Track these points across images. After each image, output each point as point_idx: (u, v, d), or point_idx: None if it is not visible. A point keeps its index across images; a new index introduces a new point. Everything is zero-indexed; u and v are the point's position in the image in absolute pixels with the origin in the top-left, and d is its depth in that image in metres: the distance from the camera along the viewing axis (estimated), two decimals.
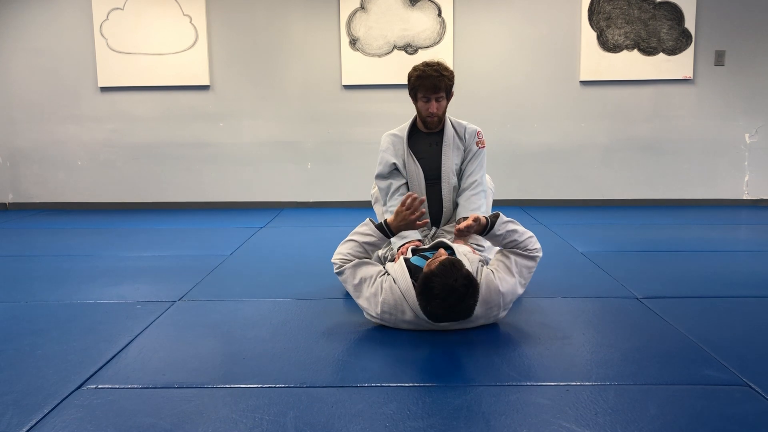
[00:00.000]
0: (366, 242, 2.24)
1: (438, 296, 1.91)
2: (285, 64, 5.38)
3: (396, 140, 2.73)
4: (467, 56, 5.29)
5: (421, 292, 1.97)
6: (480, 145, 2.71)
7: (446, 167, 2.68)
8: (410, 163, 2.69)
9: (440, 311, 1.95)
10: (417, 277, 2.11)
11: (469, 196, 2.67)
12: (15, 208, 5.61)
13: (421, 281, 1.97)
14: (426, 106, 2.61)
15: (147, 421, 1.53)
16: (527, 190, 5.45)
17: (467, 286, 1.92)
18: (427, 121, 2.66)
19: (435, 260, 2.02)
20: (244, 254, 3.54)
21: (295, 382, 1.75)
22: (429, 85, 2.55)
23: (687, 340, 2.05)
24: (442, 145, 2.70)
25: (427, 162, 2.71)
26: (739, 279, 2.86)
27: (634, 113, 5.35)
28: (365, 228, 2.28)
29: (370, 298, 2.16)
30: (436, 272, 1.93)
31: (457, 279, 1.91)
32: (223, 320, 2.33)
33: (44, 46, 5.38)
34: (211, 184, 5.53)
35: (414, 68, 2.63)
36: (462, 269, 1.95)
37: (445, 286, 1.90)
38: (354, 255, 2.24)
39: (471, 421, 1.52)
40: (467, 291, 1.93)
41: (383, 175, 2.73)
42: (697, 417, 1.53)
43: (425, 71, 2.56)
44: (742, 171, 5.39)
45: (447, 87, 2.60)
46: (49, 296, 2.69)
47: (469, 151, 2.70)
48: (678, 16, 5.18)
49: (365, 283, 2.18)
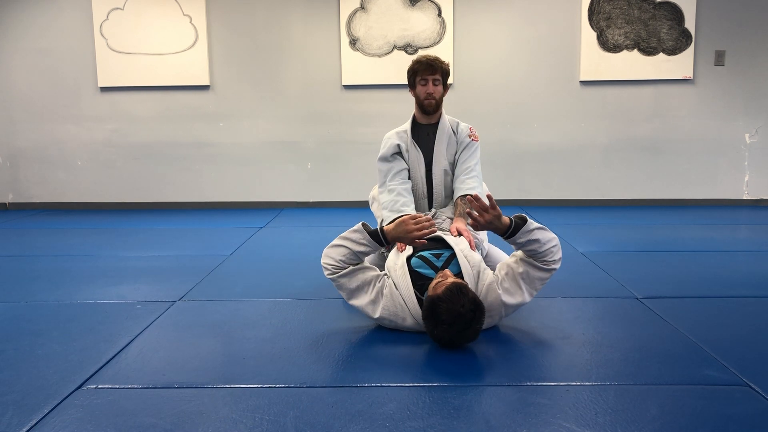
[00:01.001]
0: (359, 251, 2.16)
1: (445, 322, 1.88)
2: (285, 64, 5.38)
3: (400, 131, 2.86)
4: (467, 56, 5.29)
5: (427, 316, 1.94)
6: (472, 137, 2.82)
7: (438, 151, 2.78)
8: (412, 150, 2.79)
9: (446, 336, 1.93)
10: (420, 288, 2.11)
11: (463, 180, 2.76)
12: (15, 208, 5.61)
13: (427, 306, 1.93)
14: (424, 89, 2.73)
15: (147, 421, 1.53)
16: (527, 190, 5.45)
17: (474, 311, 1.89)
18: (425, 104, 2.75)
19: (441, 284, 1.95)
20: (244, 254, 3.54)
21: (295, 382, 1.75)
22: (426, 67, 2.71)
23: (687, 340, 2.05)
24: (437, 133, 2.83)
25: (425, 149, 2.82)
26: (739, 279, 2.86)
27: (634, 113, 5.35)
28: (358, 236, 2.14)
29: (368, 304, 2.14)
30: (442, 298, 1.88)
31: (464, 305, 1.86)
32: (223, 320, 2.33)
33: (44, 46, 5.38)
34: (211, 184, 5.54)
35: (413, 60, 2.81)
36: (468, 294, 1.90)
37: (452, 312, 1.86)
38: (346, 262, 2.15)
39: (471, 421, 1.52)
40: (474, 316, 1.89)
41: (386, 157, 2.80)
42: (697, 417, 1.53)
43: (422, 56, 2.76)
44: (742, 171, 5.39)
45: (443, 71, 2.74)
46: (49, 296, 2.69)
47: (461, 143, 2.82)
48: (678, 16, 5.18)
49: (362, 289, 2.16)
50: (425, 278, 2.13)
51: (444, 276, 2.02)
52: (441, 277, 2.02)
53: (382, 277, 2.19)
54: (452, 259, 2.19)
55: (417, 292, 2.10)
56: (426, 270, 2.16)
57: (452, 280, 1.94)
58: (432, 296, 1.93)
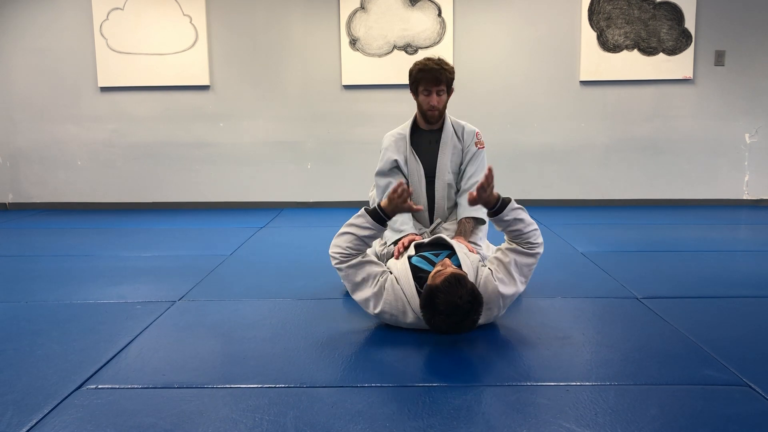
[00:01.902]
0: (365, 235, 2.20)
1: (442, 312, 1.89)
2: (285, 64, 5.38)
3: (398, 138, 2.73)
4: (467, 56, 5.29)
5: (425, 305, 1.95)
6: (479, 145, 2.72)
7: (442, 164, 2.69)
8: (411, 161, 2.69)
9: (444, 326, 1.93)
10: (419, 279, 2.12)
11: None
12: (15, 208, 5.61)
13: (426, 295, 1.95)
14: (427, 100, 2.61)
15: (147, 421, 1.53)
16: (527, 190, 5.45)
17: (472, 302, 1.90)
18: (427, 115, 2.66)
19: (440, 275, 1.96)
20: (244, 254, 3.54)
21: (295, 382, 1.75)
22: (430, 78, 2.56)
23: (687, 340, 2.05)
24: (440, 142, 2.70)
25: (426, 159, 2.71)
26: (739, 279, 2.86)
27: (634, 113, 5.35)
28: (361, 220, 2.21)
29: (370, 298, 2.15)
30: (440, 288, 1.89)
31: (462, 296, 1.87)
32: (223, 320, 2.33)
33: (45, 46, 5.38)
34: (212, 184, 5.53)
35: (415, 63, 2.64)
36: (467, 285, 1.91)
37: (450, 303, 1.87)
38: (354, 248, 2.19)
39: (471, 421, 1.52)
40: (471, 307, 1.90)
41: (383, 171, 2.72)
42: (697, 417, 1.53)
43: (427, 64, 2.58)
44: (742, 171, 5.39)
45: (448, 80, 2.61)
46: (49, 296, 2.69)
47: (467, 152, 2.71)
48: (678, 16, 5.18)
49: (367, 282, 2.17)
50: (425, 272, 2.14)
51: (444, 265, 2.04)
52: (441, 266, 2.03)
53: (385, 272, 2.20)
54: (451, 256, 2.21)
55: (417, 284, 2.11)
56: (426, 266, 2.18)
57: (451, 270, 1.96)
58: (431, 285, 1.94)
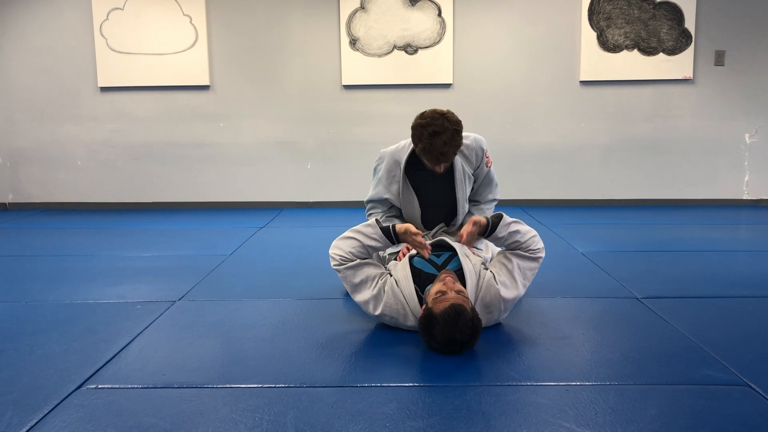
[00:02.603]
0: (370, 245, 2.19)
1: (439, 342, 1.89)
2: (285, 64, 5.37)
3: (394, 167, 2.55)
4: (467, 56, 5.29)
5: (423, 330, 1.93)
6: (489, 165, 2.63)
7: (460, 202, 2.57)
8: (406, 194, 2.57)
9: (440, 351, 1.93)
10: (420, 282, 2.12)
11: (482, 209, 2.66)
12: (15, 208, 5.61)
13: (424, 320, 1.92)
14: (432, 167, 2.36)
15: (147, 421, 1.53)
16: (527, 190, 5.45)
17: (471, 335, 1.88)
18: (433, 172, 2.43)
19: (440, 301, 1.90)
20: (244, 254, 3.54)
21: (295, 382, 1.75)
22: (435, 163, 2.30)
23: (687, 340, 2.05)
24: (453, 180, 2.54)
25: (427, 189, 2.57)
26: (739, 279, 2.86)
27: (634, 113, 5.35)
28: (371, 230, 2.18)
29: (370, 300, 2.15)
30: (439, 321, 1.85)
31: (462, 331, 1.85)
32: (223, 320, 2.33)
33: (44, 46, 5.38)
34: (211, 184, 5.53)
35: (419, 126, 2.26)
36: (467, 317, 1.85)
37: (447, 336, 1.85)
38: (356, 254, 2.18)
39: (471, 421, 1.52)
40: (469, 340, 1.89)
41: (374, 201, 2.65)
42: (697, 417, 1.53)
43: (433, 144, 2.22)
44: (742, 171, 5.39)
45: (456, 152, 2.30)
46: (48, 296, 2.68)
47: (479, 174, 2.61)
48: (678, 16, 5.18)
49: (366, 284, 2.16)
50: (427, 274, 2.14)
51: (446, 285, 1.97)
52: (443, 285, 1.97)
53: (384, 274, 2.19)
54: (452, 257, 2.21)
55: (417, 287, 2.11)
56: (428, 268, 2.18)
57: (453, 299, 1.90)
58: (430, 312, 1.90)
